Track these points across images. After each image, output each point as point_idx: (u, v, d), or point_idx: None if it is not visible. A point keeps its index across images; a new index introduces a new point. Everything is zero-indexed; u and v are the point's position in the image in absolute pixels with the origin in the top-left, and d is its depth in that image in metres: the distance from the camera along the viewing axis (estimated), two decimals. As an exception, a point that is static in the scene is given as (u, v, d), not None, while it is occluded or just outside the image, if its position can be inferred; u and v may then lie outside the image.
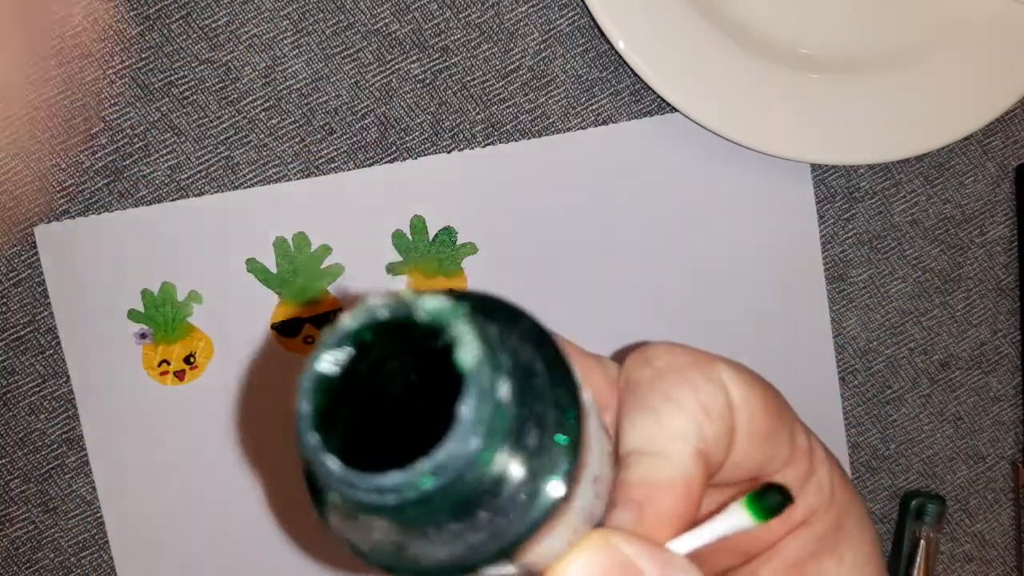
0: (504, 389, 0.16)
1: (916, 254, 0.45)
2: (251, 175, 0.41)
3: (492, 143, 0.42)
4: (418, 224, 0.41)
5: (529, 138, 0.42)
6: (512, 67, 0.42)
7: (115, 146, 0.40)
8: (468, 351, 0.15)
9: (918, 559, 0.44)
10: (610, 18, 0.39)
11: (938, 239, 0.45)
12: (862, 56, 0.42)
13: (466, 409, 0.15)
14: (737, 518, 0.22)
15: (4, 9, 0.38)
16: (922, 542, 0.44)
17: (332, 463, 0.15)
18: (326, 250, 0.41)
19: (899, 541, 0.45)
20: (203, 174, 0.41)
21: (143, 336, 0.41)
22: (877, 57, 0.42)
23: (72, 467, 0.41)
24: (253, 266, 0.41)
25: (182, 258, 0.41)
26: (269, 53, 0.41)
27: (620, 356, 0.25)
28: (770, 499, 0.22)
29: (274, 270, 0.41)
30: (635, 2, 0.39)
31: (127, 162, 0.40)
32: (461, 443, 0.15)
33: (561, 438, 0.17)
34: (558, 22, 0.42)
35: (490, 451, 0.15)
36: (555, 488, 0.17)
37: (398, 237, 0.41)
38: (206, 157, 0.41)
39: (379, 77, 0.41)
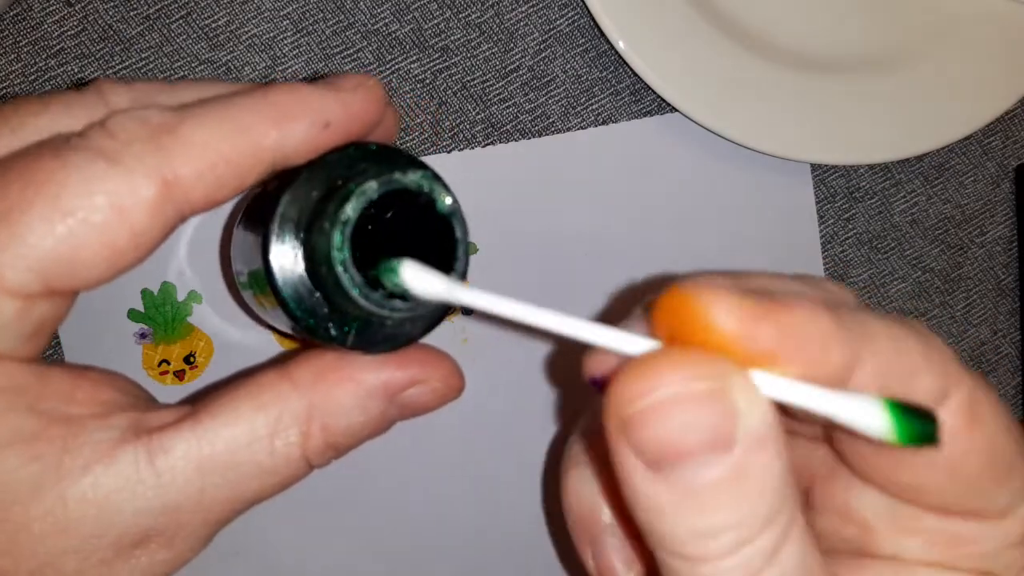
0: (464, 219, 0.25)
1: (916, 254, 0.45)
2: (251, 175, 0.41)
3: (492, 143, 0.42)
4: (418, 224, 0.41)
5: (529, 138, 0.42)
6: (512, 67, 0.42)
7: (115, 146, 0.40)
8: (447, 199, 0.25)
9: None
10: (610, 18, 0.39)
11: (938, 239, 0.45)
12: (862, 56, 0.42)
13: (460, 232, 0.25)
14: (862, 413, 0.19)
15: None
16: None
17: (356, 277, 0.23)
18: (326, 250, 0.41)
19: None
20: (203, 174, 0.41)
21: (143, 336, 0.41)
22: (877, 57, 0.42)
23: (72, 467, 0.41)
24: (253, 266, 0.41)
25: (182, 257, 0.41)
26: (269, 53, 0.41)
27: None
28: (917, 423, 0.18)
29: (274, 270, 0.41)
30: (635, 2, 0.39)
31: (127, 162, 0.40)
32: (465, 252, 0.25)
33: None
34: (558, 22, 0.42)
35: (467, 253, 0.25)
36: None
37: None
38: (206, 157, 0.41)
39: (379, 77, 0.41)
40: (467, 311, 0.42)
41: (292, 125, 0.24)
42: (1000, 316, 0.46)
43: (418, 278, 0.23)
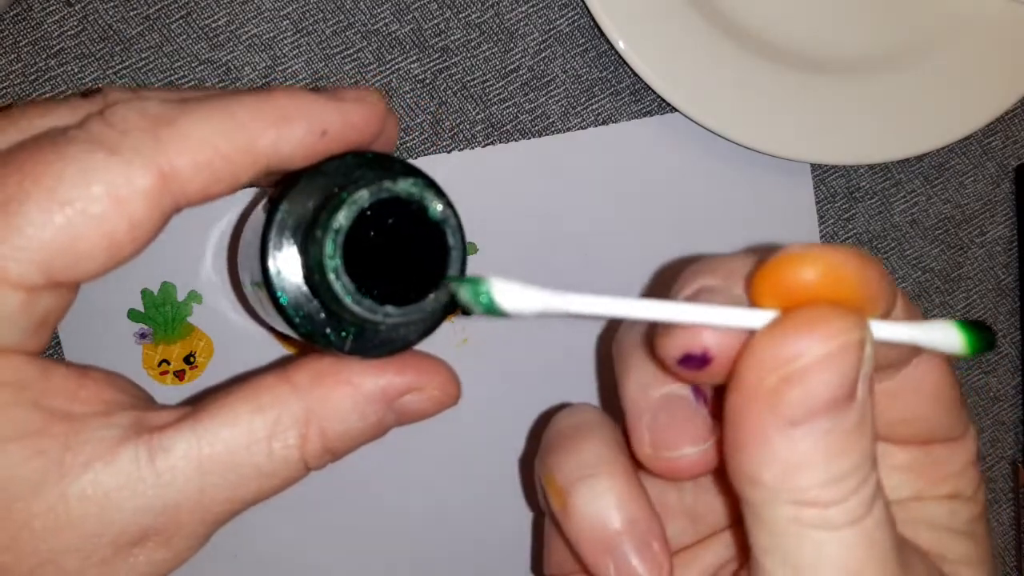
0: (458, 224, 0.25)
1: (916, 254, 0.45)
2: (251, 175, 0.41)
3: (492, 143, 0.42)
4: (418, 224, 0.42)
5: (529, 138, 0.42)
6: (512, 67, 0.42)
7: (115, 146, 0.40)
8: (438, 206, 0.25)
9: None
10: (610, 18, 0.39)
11: (938, 239, 0.45)
12: (862, 56, 0.42)
13: (453, 239, 0.25)
14: (943, 335, 0.22)
15: None
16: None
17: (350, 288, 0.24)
18: (326, 250, 0.41)
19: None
20: (203, 174, 0.41)
21: (143, 336, 0.41)
22: (877, 57, 0.42)
23: (72, 467, 0.41)
24: (253, 266, 0.41)
25: (183, 257, 0.41)
26: (269, 53, 0.41)
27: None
28: (983, 335, 0.22)
29: (274, 270, 0.41)
30: (635, 2, 0.39)
31: (127, 162, 0.40)
32: (460, 258, 0.25)
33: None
34: (558, 22, 0.42)
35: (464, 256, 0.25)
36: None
37: (398, 237, 0.41)
38: (206, 157, 0.41)
39: (379, 77, 0.41)
40: (466, 312, 0.42)
41: (289, 128, 0.24)
42: (1000, 316, 0.46)
43: (512, 296, 0.22)
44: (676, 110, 0.41)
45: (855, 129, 0.41)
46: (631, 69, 0.40)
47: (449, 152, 0.42)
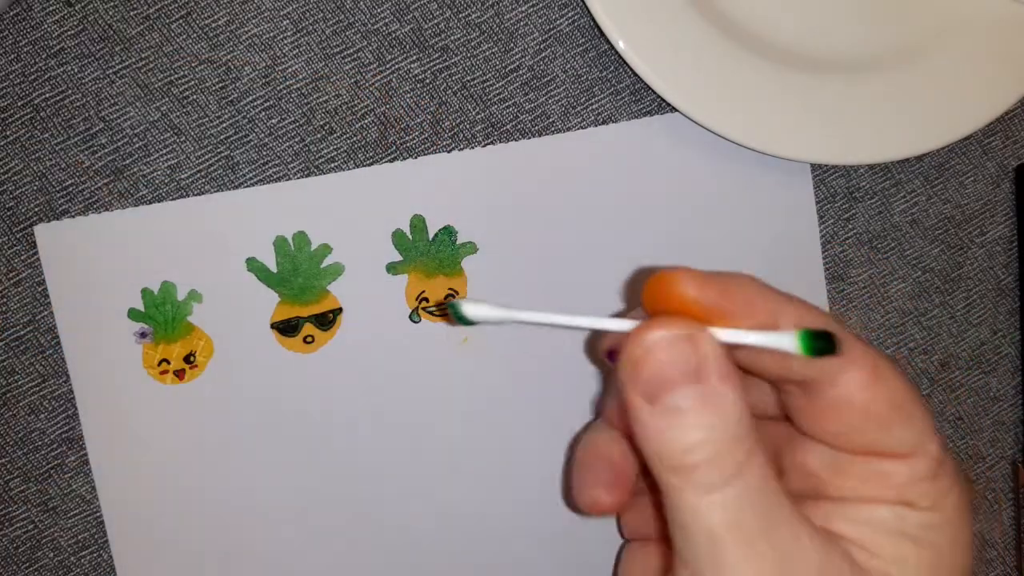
0: None
1: (916, 254, 0.45)
2: (251, 175, 0.41)
3: (492, 143, 0.42)
4: (418, 223, 0.41)
5: (529, 138, 0.42)
6: (512, 67, 0.42)
7: (115, 146, 0.40)
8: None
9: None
10: (610, 18, 0.39)
11: (938, 239, 0.45)
12: (862, 56, 0.42)
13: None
14: (784, 339, 0.27)
15: None
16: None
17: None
18: (326, 249, 0.41)
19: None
20: (203, 174, 0.41)
21: (143, 335, 0.41)
22: (877, 57, 0.42)
23: (72, 467, 0.41)
24: (253, 265, 0.41)
25: (182, 257, 0.41)
26: (269, 53, 0.41)
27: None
28: (819, 341, 0.27)
29: (274, 269, 0.41)
30: (635, 2, 0.39)
31: (127, 162, 0.41)
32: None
33: None
34: (558, 22, 0.42)
35: None
36: None
37: (398, 236, 0.41)
38: (206, 157, 0.41)
39: (379, 77, 0.41)
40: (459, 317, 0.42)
41: None
42: (1000, 316, 0.46)
43: (477, 312, 0.29)
44: (676, 110, 0.41)
45: (855, 129, 0.41)
46: (631, 69, 0.40)
47: (449, 152, 0.42)
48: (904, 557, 0.29)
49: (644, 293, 0.29)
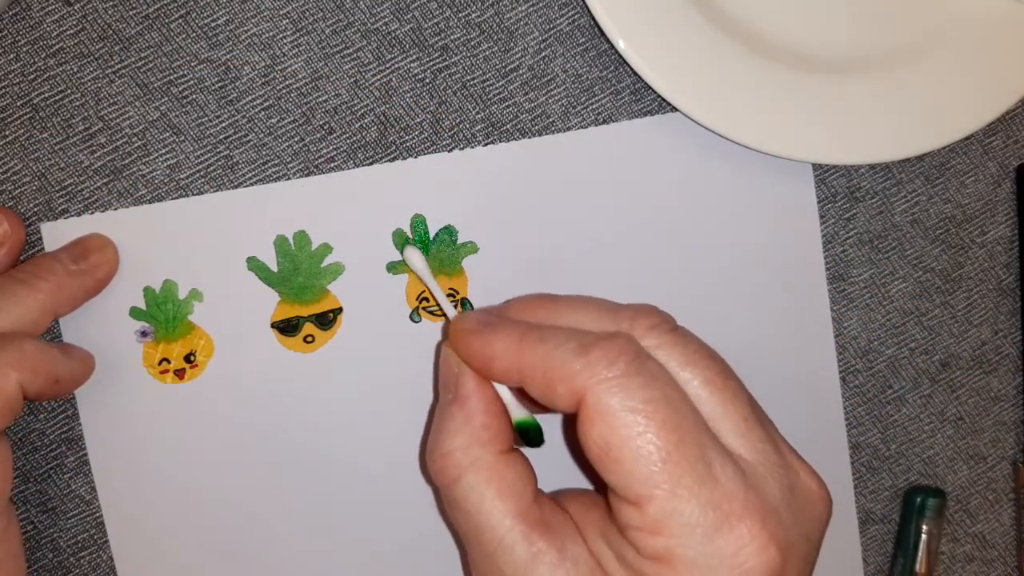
0: None
1: (917, 254, 0.45)
2: (251, 174, 0.41)
3: (492, 142, 0.42)
4: (418, 223, 0.41)
5: (529, 138, 0.42)
6: (512, 66, 0.42)
7: (114, 145, 0.40)
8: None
9: (919, 553, 0.44)
10: (610, 17, 0.39)
11: (939, 239, 0.45)
12: (862, 56, 0.42)
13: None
14: (516, 412, 0.35)
15: None
16: (923, 536, 0.44)
17: None
18: (326, 249, 0.41)
19: (903, 537, 0.45)
20: (202, 173, 0.41)
21: (144, 334, 0.41)
22: (877, 57, 0.42)
23: (71, 467, 0.41)
24: (254, 264, 0.41)
25: (183, 256, 0.41)
26: (268, 52, 0.41)
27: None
28: (529, 432, 0.34)
29: (275, 268, 0.41)
30: (635, 2, 0.39)
31: (126, 161, 0.41)
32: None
33: None
34: (558, 21, 0.42)
35: None
36: None
37: (398, 236, 0.41)
38: (205, 156, 0.41)
39: (379, 76, 0.41)
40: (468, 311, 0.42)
41: None
42: (1001, 316, 0.46)
43: (411, 256, 0.40)
44: (676, 110, 0.41)
45: (856, 129, 0.41)
46: (631, 69, 0.40)
47: (449, 152, 0.42)
48: None
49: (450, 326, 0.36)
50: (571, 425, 0.34)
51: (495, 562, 0.32)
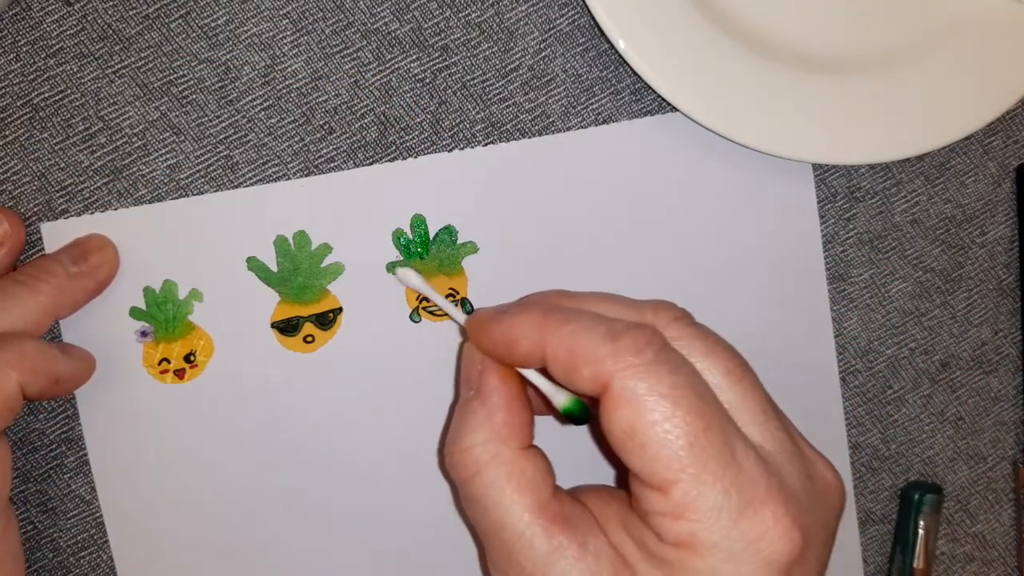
0: None
1: (917, 254, 0.45)
2: (250, 174, 0.41)
3: (492, 142, 0.42)
4: (418, 223, 0.41)
5: (529, 138, 0.42)
6: (512, 66, 0.42)
7: (114, 145, 0.40)
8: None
9: (917, 550, 0.44)
10: (610, 17, 0.39)
11: (939, 239, 0.45)
12: (862, 56, 0.42)
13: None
14: (556, 396, 0.34)
15: None
16: (920, 532, 0.44)
17: None
18: (326, 249, 0.41)
19: (901, 533, 0.45)
20: (202, 173, 0.41)
21: (144, 334, 0.41)
22: (878, 57, 0.42)
23: (71, 467, 0.41)
24: (254, 264, 0.41)
25: (183, 256, 0.41)
26: (268, 52, 0.41)
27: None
28: (575, 413, 0.34)
29: (275, 268, 0.41)
30: (635, 2, 0.39)
31: (126, 161, 0.41)
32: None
33: None
34: (558, 21, 0.42)
35: None
36: None
37: (398, 236, 0.41)
38: (205, 156, 0.41)
39: (379, 76, 0.41)
40: (468, 311, 0.42)
41: None
42: (1001, 316, 0.46)
43: (405, 275, 0.41)
44: (676, 110, 0.41)
45: (856, 129, 0.41)
46: (631, 68, 0.40)
47: (449, 152, 0.42)
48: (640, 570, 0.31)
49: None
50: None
51: (515, 557, 0.32)
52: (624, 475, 0.32)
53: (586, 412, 0.35)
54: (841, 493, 0.33)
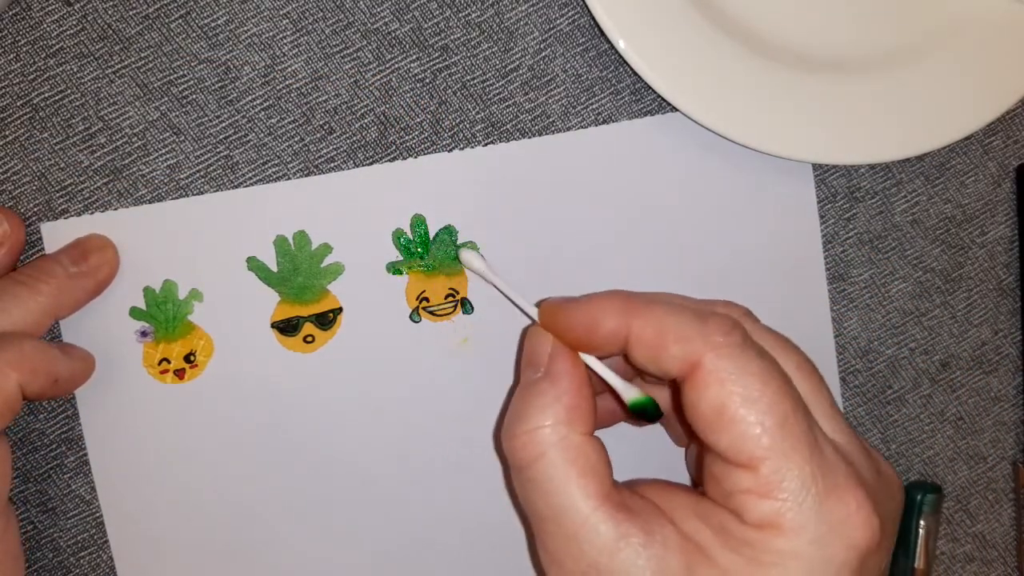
0: None
1: (917, 254, 0.45)
2: (250, 174, 0.41)
3: (492, 142, 0.42)
4: (418, 223, 0.41)
5: (529, 138, 0.42)
6: (512, 66, 0.42)
7: (114, 145, 0.40)
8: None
9: (917, 549, 0.44)
10: (610, 17, 0.39)
11: (939, 239, 0.45)
12: (862, 56, 0.42)
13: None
14: (627, 392, 0.35)
15: None
16: (920, 532, 0.44)
17: None
18: (326, 249, 0.41)
19: (901, 533, 0.45)
20: (202, 173, 0.41)
21: (144, 334, 0.41)
22: (878, 57, 0.42)
23: (71, 467, 0.41)
24: (254, 264, 0.41)
25: (183, 256, 0.41)
26: (268, 52, 0.41)
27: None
28: (649, 409, 0.35)
29: (275, 268, 0.41)
30: (635, 2, 0.39)
31: (126, 161, 0.41)
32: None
33: None
34: (558, 21, 0.42)
35: None
36: None
37: (398, 236, 0.41)
38: (205, 156, 0.41)
39: (379, 76, 0.41)
40: (468, 311, 0.42)
41: None
42: (1001, 316, 0.46)
43: (468, 258, 0.41)
44: (676, 110, 0.41)
45: (856, 129, 0.41)
46: (631, 69, 0.40)
47: (449, 152, 0.42)
48: (727, 566, 0.30)
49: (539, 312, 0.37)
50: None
51: (577, 544, 0.31)
52: (699, 461, 0.33)
53: (657, 408, 0.35)
54: (903, 492, 0.34)
